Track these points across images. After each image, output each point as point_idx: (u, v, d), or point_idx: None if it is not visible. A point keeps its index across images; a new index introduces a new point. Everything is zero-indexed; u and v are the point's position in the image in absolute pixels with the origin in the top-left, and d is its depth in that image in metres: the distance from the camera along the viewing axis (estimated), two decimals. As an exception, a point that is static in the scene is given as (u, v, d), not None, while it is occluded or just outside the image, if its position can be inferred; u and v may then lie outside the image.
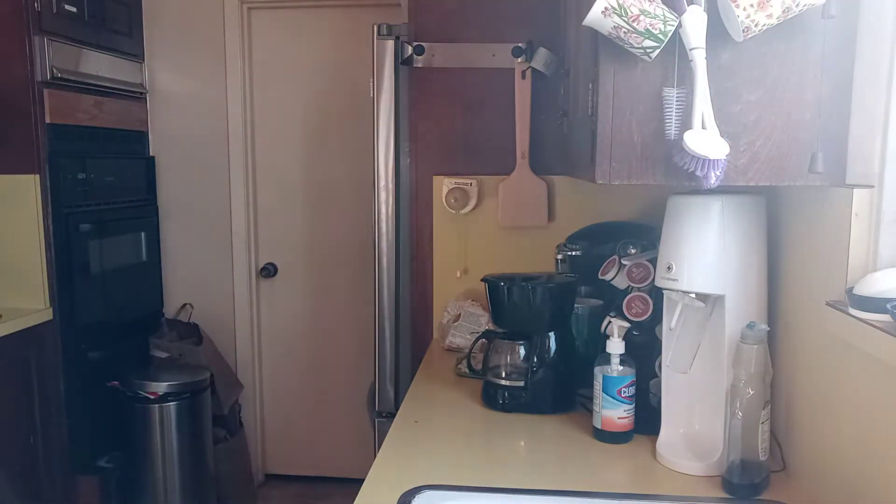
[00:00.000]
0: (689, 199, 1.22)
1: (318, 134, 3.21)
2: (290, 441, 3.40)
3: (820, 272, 1.12)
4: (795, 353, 1.22)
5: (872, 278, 0.97)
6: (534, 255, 2.03)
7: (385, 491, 1.16)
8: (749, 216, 1.22)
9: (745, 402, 1.12)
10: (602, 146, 1.07)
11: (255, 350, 3.34)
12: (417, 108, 2.13)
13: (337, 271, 3.27)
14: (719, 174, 1.01)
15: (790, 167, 1.05)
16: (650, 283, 1.42)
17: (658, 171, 1.07)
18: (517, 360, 1.59)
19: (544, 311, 1.58)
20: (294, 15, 3.16)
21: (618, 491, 1.17)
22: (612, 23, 0.99)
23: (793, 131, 1.04)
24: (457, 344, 1.97)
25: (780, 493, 1.15)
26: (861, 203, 1.02)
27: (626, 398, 1.35)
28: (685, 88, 1.02)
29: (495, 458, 1.34)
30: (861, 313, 0.96)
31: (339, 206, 3.23)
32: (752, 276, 1.23)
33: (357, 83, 3.04)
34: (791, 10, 0.96)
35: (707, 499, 1.15)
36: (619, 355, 1.35)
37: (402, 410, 1.55)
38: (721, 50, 1.03)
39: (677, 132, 1.02)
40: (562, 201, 2.07)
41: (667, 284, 1.23)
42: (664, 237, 1.26)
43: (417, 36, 2.09)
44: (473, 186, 2.07)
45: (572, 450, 1.36)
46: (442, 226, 2.13)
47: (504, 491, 1.17)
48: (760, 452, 1.14)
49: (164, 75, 3.19)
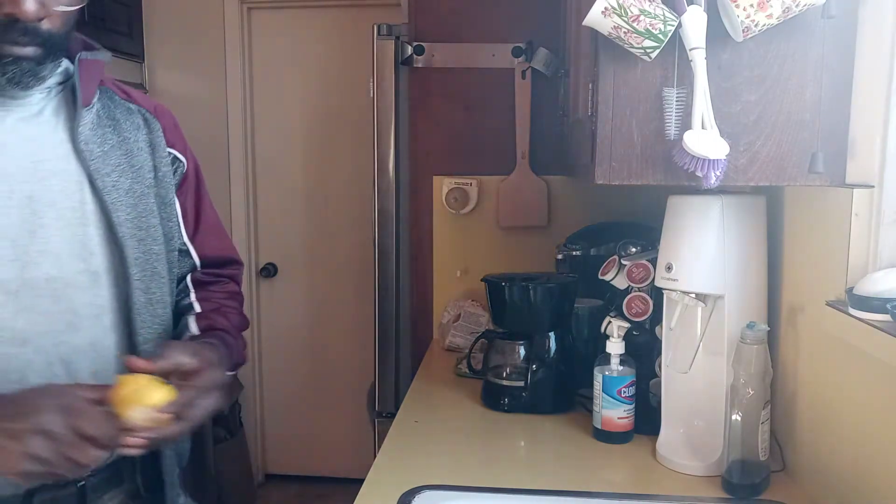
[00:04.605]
0: (689, 199, 1.22)
1: (318, 134, 3.20)
2: (290, 441, 3.40)
3: (820, 272, 1.12)
4: (795, 354, 1.22)
5: (872, 278, 0.97)
6: (534, 255, 2.03)
7: (385, 491, 1.16)
8: (749, 216, 1.22)
9: (745, 402, 1.12)
10: (602, 146, 1.07)
11: (255, 350, 3.33)
12: (417, 108, 2.13)
13: (337, 271, 3.27)
14: (719, 174, 1.01)
15: (790, 167, 1.05)
16: (650, 283, 1.42)
17: (658, 171, 1.07)
18: (517, 360, 1.59)
19: (544, 311, 1.58)
20: (294, 15, 3.16)
21: (618, 491, 1.17)
22: (612, 23, 0.99)
23: (793, 131, 1.04)
24: (457, 344, 1.97)
25: (780, 493, 1.15)
26: (861, 203, 1.02)
27: (626, 398, 1.35)
28: (685, 88, 1.02)
29: (495, 458, 1.34)
30: (861, 313, 0.96)
31: (339, 206, 3.23)
32: (752, 276, 1.23)
33: (357, 83, 3.04)
34: (791, 10, 0.96)
35: (707, 499, 1.15)
36: (619, 355, 1.35)
37: (402, 410, 1.55)
38: (721, 50, 1.03)
39: (677, 132, 1.02)
40: (562, 201, 2.07)
41: (667, 284, 1.23)
42: (664, 237, 1.26)
43: (417, 36, 2.09)
44: (473, 186, 2.07)
45: (572, 450, 1.36)
46: (442, 226, 2.13)
47: (504, 491, 1.17)
48: (760, 452, 1.14)
49: (163, 75, 3.19)
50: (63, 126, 1.03)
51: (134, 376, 0.91)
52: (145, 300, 1.07)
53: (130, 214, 1.06)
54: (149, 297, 1.08)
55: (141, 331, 1.07)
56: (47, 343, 0.99)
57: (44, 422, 0.82)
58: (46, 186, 1.00)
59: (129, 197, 1.07)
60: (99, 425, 0.85)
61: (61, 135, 1.03)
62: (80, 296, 1.01)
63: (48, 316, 0.99)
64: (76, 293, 1.01)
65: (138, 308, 1.06)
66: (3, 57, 0.93)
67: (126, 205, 1.06)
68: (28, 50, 0.94)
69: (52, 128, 1.03)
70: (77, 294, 1.01)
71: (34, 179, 0.99)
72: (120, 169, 1.07)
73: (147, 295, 1.08)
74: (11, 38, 0.92)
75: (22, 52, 0.93)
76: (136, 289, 1.06)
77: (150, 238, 1.09)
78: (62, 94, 1.05)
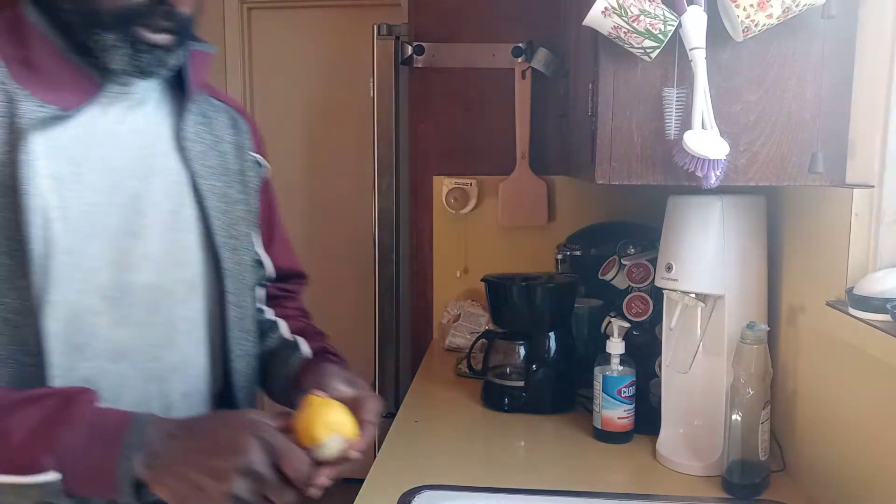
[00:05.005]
0: (689, 199, 1.22)
1: (318, 134, 3.20)
2: (290, 441, 3.40)
3: (820, 272, 1.12)
4: (795, 353, 1.22)
5: (872, 278, 0.97)
6: (534, 255, 2.03)
7: (385, 491, 1.16)
8: (749, 216, 1.22)
9: (745, 402, 1.12)
10: (602, 146, 1.07)
11: (255, 350, 3.33)
12: (417, 108, 2.12)
13: (337, 271, 3.27)
14: (719, 174, 1.01)
15: (790, 167, 1.05)
16: (650, 283, 1.42)
17: (658, 171, 1.07)
18: (517, 360, 1.59)
19: (544, 311, 1.58)
20: (294, 15, 3.16)
21: (618, 491, 1.17)
22: (612, 23, 0.99)
23: (793, 131, 1.04)
24: (457, 344, 1.97)
25: (780, 493, 1.15)
26: (861, 203, 1.02)
27: (626, 398, 1.35)
28: (685, 88, 1.02)
29: (495, 458, 1.34)
30: (861, 313, 0.96)
31: (339, 206, 3.22)
32: (752, 276, 1.23)
33: (357, 83, 3.03)
34: (791, 10, 0.96)
35: (707, 499, 1.15)
36: (619, 355, 1.35)
37: (402, 410, 1.55)
38: (721, 50, 1.03)
39: (677, 132, 1.02)
40: (562, 201, 2.06)
41: (667, 284, 1.23)
42: (664, 237, 1.26)
43: (417, 36, 2.08)
44: (473, 186, 2.07)
45: (572, 450, 1.36)
46: (442, 226, 2.13)
47: (504, 491, 1.17)
48: (760, 452, 1.14)
49: (164, 75, 3.19)
50: (166, 120, 0.95)
51: (322, 401, 0.82)
52: (238, 314, 0.99)
53: (224, 221, 0.97)
54: (241, 310, 1.00)
55: (234, 348, 0.99)
56: (143, 359, 0.91)
57: (251, 462, 0.74)
58: (150, 185, 0.91)
59: (223, 202, 0.98)
60: (300, 465, 0.77)
61: (165, 130, 0.95)
62: (176, 308, 0.93)
63: (145, 328, 0.91)
64: (173, 304, 0.93)
65: (231, 323, 0.98)
66: (137, 43, 0.84)
67: (220, 210, 0.97)
68: (164, 37, 0.86)
69: (156, 121, 0.94)
70: (174, 305, 0.93)
71: (139, 176, 0.90)
72: (215, 171, 0.98)
73: (239, 309, 0.99)
74: (153, 22, 0.84)
75: (158, 38, 0.86)
76: (229, 302, 0.97)
77: (242, 247, 1.01)
78: (164, 85, 0.96)
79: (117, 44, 0.84)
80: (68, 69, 0.86)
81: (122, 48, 0.84)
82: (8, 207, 0.80)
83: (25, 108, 0.82)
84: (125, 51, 0.84)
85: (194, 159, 0.95)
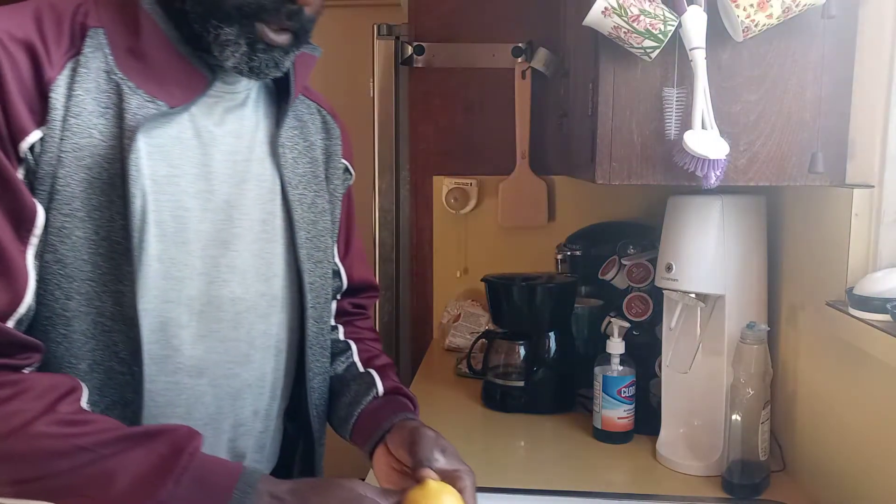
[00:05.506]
0: (689, 199, 1.22)
1: (318, 134, 3.20)
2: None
3: (820, 272, 1.12)
4: (795, 353, 1.22)
5: (872, 278, 0.97)
6: (534, 255, 2.03)
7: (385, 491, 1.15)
8: (749, 216, 1.22)
9: (745, 402, 1.12)
10: (602, 146, 1.07)
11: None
12: (417, 108, 2.12)
13: (337, 271, 3.27)
14: (719, 174, 1.01)
15: (790, 167, 1.05)
16: (650, 283, 1.42)
17: (658, 171, 1.07)
18: (517, 360, 1.59)
19: (544, 311, 1.58)
20: (294, 15, 3.16)
21: (618, 491, 1.17)
22: (612, 23, 0.99)
23: (793, 131, 1.04)
24: (457, 344, 1.97)
25: (780, 493, 1.15)
26: (861, 203, 1.02)
27: (626, 398, 1.35)
28: (685, 88, 1.02)
29: (495, 458, 1.34)
30: (861, 313, 0.96)
31: (339, 206, 3.22)
32: (752, 276, 1.23)
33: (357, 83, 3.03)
34: (791, 10, 0.96)
35: (707, 499, 1.15)
36: (619, 355, 1.35)
37: (402, 410, 1.55)
38: (721, 50, 1.03)
39: (677, 132, 1.02)
40: (562, 201, 2.06)
41: (667, 284, 1.23)
42: (664, 237, 1.26)
43: (417, 36, 2.08)
44: (473, 186, 2.07)
45: (572, 450, 1.36)
46: (442, 226, 2.13)
47: (504, 491, 1.17)
48: (760, 452, 1.14)
49: (164, 75, 3.18)
50: (263, 123, 0.90)
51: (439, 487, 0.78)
52: (316, 331, 0.94)
53: (310, 233, 0.93)
54: (320, 327, 0.95)
55: (312, 365, 0.94)
56: (221, 375, 0.86)
57: None
58: (243, 192, 0.86)
59: (311, 212, 0.93)
60: None
61: (261, 134, 0.89)
62: (257, 323, 0.89)
63: (227, 344, 0.86)
64: (255, 320, 0.88)
65: (311, 340, 0.93)
66: (256, 41, 0.79)
67: (307, 221, 0.92)
68: (284, 38, 0.81)
69: (254, 123, 0.89)
70: (256, 321, 0.88)
71: (233, 181, 0.85)
72: (305, 180, 0.93)
73: (319, 325, 0.95)
74: (277, 20, 0.79)
75: (279, 39, 0.80)
76: (309, 317, 0.92)
77: (325, 261, 0.96)
78: (260, 85, 0.91)
79: (236, 40, 0.79)
80: (178, 63, 0.81)
81: (240, 45, 0.79)
82: (110, 207, 0.76)
83: (134, 103, 0.78)
84: (242, 48, 0.79)
85: (287, 166, 0.91)
